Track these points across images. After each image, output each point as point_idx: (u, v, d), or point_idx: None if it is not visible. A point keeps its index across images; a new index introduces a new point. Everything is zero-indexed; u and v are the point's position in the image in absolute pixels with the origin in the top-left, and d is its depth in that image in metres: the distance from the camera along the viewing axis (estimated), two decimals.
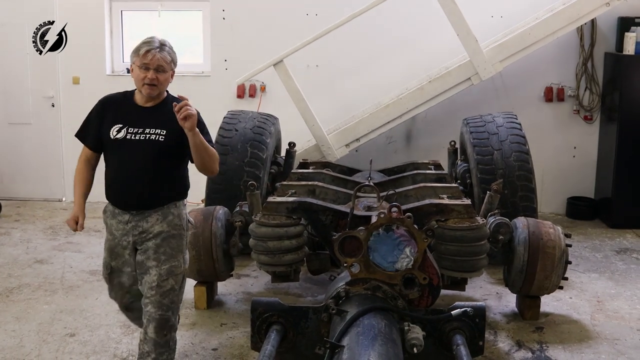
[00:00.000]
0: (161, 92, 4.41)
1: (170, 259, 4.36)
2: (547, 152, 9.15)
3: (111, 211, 4.47)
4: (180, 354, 5.16)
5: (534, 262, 5.53)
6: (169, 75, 4.40)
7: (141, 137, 4.33)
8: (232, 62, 9.48)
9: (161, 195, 4.39)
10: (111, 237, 4.49)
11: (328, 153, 8.31)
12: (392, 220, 3.42)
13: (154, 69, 4.28)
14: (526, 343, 5.40)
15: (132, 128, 4.35)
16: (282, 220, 5.34)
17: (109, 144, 4.39)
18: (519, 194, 6.59)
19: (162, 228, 4.36)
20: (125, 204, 4.38)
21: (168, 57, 4.37)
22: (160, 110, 4.41)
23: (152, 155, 4.30)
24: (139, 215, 4.36)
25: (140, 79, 4.31)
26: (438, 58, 8.79)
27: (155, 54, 4.29)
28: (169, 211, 4.40)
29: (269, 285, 6.46)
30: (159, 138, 4.32)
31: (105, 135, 4.39)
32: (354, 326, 3.07)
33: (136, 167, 4.31)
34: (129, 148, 4.32)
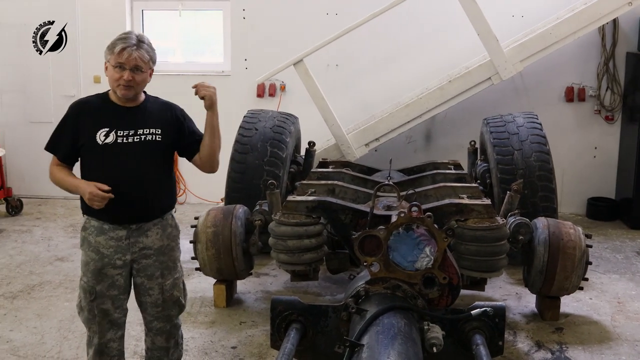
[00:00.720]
0: (138, 93, 4.01)
1: (172, 271, 4.15)
2: (568, 153, 9.12)
3: (97, 227, 3.98)
4: (199, 352, 5.19)
5: (554, 262, 5.51)
6: (146, 75, 3.97)
7: (135, 139, 3.92)
8: (252, 61, 9.51)
9: (163, 203, 4.09)
10: (97, 257, 3.97)
11: (347, 152, 8.31)
12: (413, 220, 3.41)
13: (130, 69, 3.86)
14: (546, 344, 5.38)
15: (122, 130, 3.91)
16: (302, 219, 5.35)
17: (95, 151, 3.90)
18: (539, 194, 6.57)
19: (162, 242, 4.07)
20: (122, 218, 3.94)
21: (146, 55, 3.92)
22: (146, 109, 4.06)
23: (150, 158, 3.95)
24: (139, 229, 3.99)
25: (115, 79, 3.89)
26: (458, 57, 8.77)
27: (131, 52, 3.85)
28: (167, 223, 4.12)
29: (288, 284, 6.47)
30: (157, 138, 3.97)
31: (89, 142, 3.90)
32: (373, 325, 3.07)
33: (134, 173, 3.91)
34: (122, 153, 3.89)
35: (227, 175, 6.94)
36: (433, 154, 9.15)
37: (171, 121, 4.06)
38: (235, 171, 6.91)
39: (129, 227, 3.97)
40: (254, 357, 5.13)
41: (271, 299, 3.56)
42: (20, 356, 5.13)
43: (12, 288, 6.48)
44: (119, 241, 3.97)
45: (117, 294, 4.03)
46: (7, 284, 6.59)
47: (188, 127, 4.13)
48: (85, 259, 4.03)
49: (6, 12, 9.77)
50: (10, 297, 6.27)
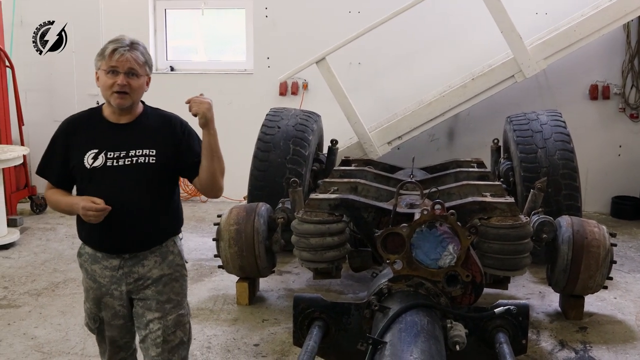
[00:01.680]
0: (135, 102, 3.60)
1: (175, 307, 3.69)
2: (592, 151, 9.05)
3: (91, 255, 3.67)
4: (222, 349, 5.21)
5: (578, 261, 5.47)
6: (143, 81, 3.60)
7: (126, 161, 3.53)
8: (274, 59, 9.52)
9: (159, 231, 3.67)
10: (95, 286, 3.67)
11: (370, 150, 8.31)
12: (436, 217, 3.40)
13: (124, 73, 3.50)
14: (569, 343, 5.35)
15: (112, 152, 3.54)
16: (325, 217, 5.35)
17: (84, 176, 3.55)
18: (563, 192, 6.53)
19: (162, 271, 3.66)
20: (114, 248, 3.60)
21: (141, 57, 3.56)
22: (142, 126, 3.63)
23: (144, 182, 3.54)
24: (133, 258, 3.61)
25: (108, 85, 3.51)
26: (481, 55, 8.74)
27: (124, 54, 3.50)
28: (167, 250, 3.70)
29: (311, 282, 6.48)
30: (150, 160, 3.54)
31: (78, 165, 3.55)
32: (396, 323, 3.06)
33: (126, 199, 3.51)
34: (112, 177, 3.51)
35: (250, 173, 6.96)
36: (456, 152, 9.12)
37: (168, 139, 3.63)
38: (257, 169, 6.93)
39: (122, 256, 3.60)
40: (276, 355, 5.14)
41: (294, 296, 3.56)
42: (44, 352, 5.17)
43: (36, 285, 6.54)
44: (113, 271, 3.62)
45: (123, 323, 3.74)
46: (32, 282, 6.64)
47: (187, 144, 3.65)
48: (85, 285, 3.75)
49: (31, 11, 9.85)
50: (34, 295, 6.33)
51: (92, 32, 9.85)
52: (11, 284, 6.59)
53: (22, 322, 5.72)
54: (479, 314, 3.38)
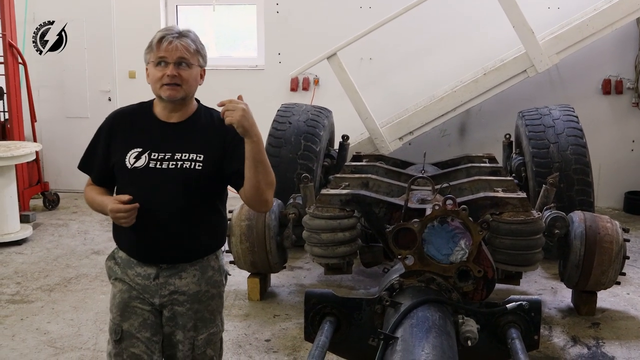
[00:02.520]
0: (187, 95, 3.27)
1: (208, 325, 3.42)
2: (605, 146, 9.01)
3: (125, 260, 3.40)
4: (233, 344, 5.22)
5: (590, 256, 5.45)
6: (196, 72, 3.29)
7: (171, 165, 3.22)
8: (285, 55, 9.53)
9: (201, 244, 3.36)
10: (125, 288, 3.36)
11: (381, 146, 8.30)
12: (447, 213, 3.38)
13: (174, 63, 3.19)
14: (582, 339, 5.33)
15: (157, 153, 3.25)
16: (336, 212, 5.35)
17: (125, 175, 3.28)
18: (576, 187, 6.50)
19: (199, 287, 3.35)
20: (151, 256, 3.33)
21: (192, 44, 3.26)
22: (192, 127, 3.32)
23: (187, 189, 3.22)
24: (170, 269, 3.31)
25: (157, 78, 3.21)
26: (493, 50, 8.72)
27: (172, 41, 3.20)
28: (208, 265, 3.39)
29: (322, 278, 6.48)
30: (196, 166, 3.23)
31: (118, 163, 3.28)
32: (408, 318, 3.05)
33: (166, 205, 3.23)
34: (153, 180, 3.22)
35: None
36: (467, 148, 9.11)
37: (218, 143, 3.27)
38: None
39: (159, 265, 3.32)
40: (287, 350, 5.14)
41: (305, 292, 3.56)
42: (57, 347, 5.20)
43: (49, 281, 6.56)
44: (146, 279, 3.32)
45: (150, 336, 3.34)
46: (45, 277, 6.67)
47: (233, 148, 3.23)
48: (113, 290, 3.44)
49: (42, 8, 9.88)
50: (47, 290, 6.35)
51: (104, 29, 9.89)
52: (24, 280, 6.63)
53: (35, 318, 5.75)
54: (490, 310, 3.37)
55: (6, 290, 6.38)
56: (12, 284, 6.52)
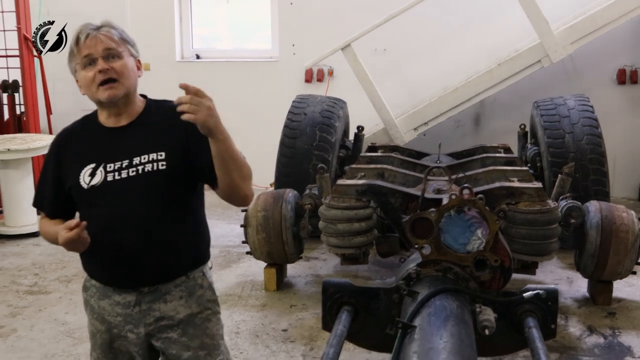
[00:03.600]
0: (129, 91, 2.89)
1: (212, 352, 3.06)
2: (620, 136, 8.96)
3: (99, 288, 2.98)
4: (250, 334, 5.25)
5: (606, 246, 5.44)
6: (131, 63, 2.91)
7: (131, 172, 2.84)
8: (300, 47, 9.52)
9: (182, 257, 2.97)
10: (104, 327, 2.99)
11: (396, 137, 8.30)
12: (464, 202, 3.39)
13: (102, 57, 2.82)
14: (598, 328, 5.33)
15: (112, 163, 2.86)
16: (352, 202, 5.36)
17: (83, 197, 2.89)
18: (591, 177, 6.48)
19: (190, 310, 2.98)
20: (127, 281, 2.91)
21: (115, 32, 2.89)
22: (145, 125, 2.94)
23: (155, 196, 2.86)
24: (153, 293, 2.93)
25: (90, 79, 2.83)
26: (507, 40, 8.67)
27: (91, 34, 2.83)
28: (195, 284, 3.01)
29: (338, 268, 6.50)
30: (159, 166, 2.84)
31: (74, 187, 2.89)
32: (425, 307, 3.07)
33: (136, 220, 2.83)
34: (116, 195, 2.84)
35: (277, 160, 6.99)
36: (482, 138, 9.07)
37: (181, 136, 2.86)
38: (284, 156, 6.95)
39: (139, 289, 2.92)
40: (304, 340, 5.17)
41: (322, 281, 3.57)
42: (75, 338, 5.24)
43: (66, 272, 6.61)
44: (126, 308, 2.93)
45: None
46: (62, 268, 6.72)
47: (197, 142, 2.80)
48: (91, 328, 3.06)
49: (57, 1, 9.91)
50: (65, 281, 6.40)
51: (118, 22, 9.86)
52: (42, 271, 6.68)
53: (53, 308, 5.80)
54: (508, 299, 3.38)
55: (24, 281, 6.44)
56: (30, 275, 6.58)
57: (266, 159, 7.09)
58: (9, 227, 7.74)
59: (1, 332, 5.37)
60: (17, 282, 6.43)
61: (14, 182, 7.64)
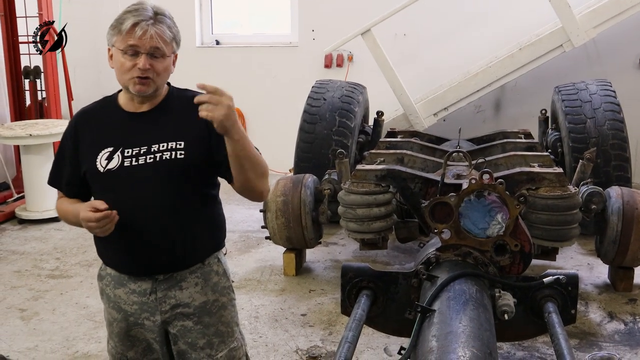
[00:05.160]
0: (159, 87, 2.86)
1: (226, 339, 3.04)
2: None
3: (114, 277, 2.99)
4: (270, 318, 5.26)
5: (627, 232, 5.40)
6: (170, 62, 2.85)
7: (148, 159, 2.81)
8: (319, 32, 9.50)
9: (198, 245, 2.95)
10: (120, 316, 2.98)
11: (416, 122, 8.28)
12: (484, 187, 3.39)
13: (146, 53, 2.74)
14: (618, 315, 5.30)
15: (129, 149, 2.83)
16: (371, 187, 5.37)
17: (99, 181, 2.86)
18: (613, 163, 6.44)
19: (206, 297, 2.98)
20: (143, 268, 2.91)
21: (168, 32, 2.79)
22: (165, 112, 2.90)
23: (172, 184, 2.82)
24: (168, 280, 2.92)
25: (126, 69, 2.78)
26: (529, 25, 8.61)
27: (147, 29, 2.73)
28: (211, 270, 3.01)
29: (357, 253, 6.50)
30: (177, 154, 2.81)
31: (90, 169, 2.86)
32: (444, 291, 3.07)
33: (151, 207, 2.83)
34: (131, 181, 2.81)
35: (296, 145, 6.98)
36: (502, 124, 9.03)
37: (202, 126, 2.77)
38: (303, 141, 6.95)
39: (154, 277, 2.91)
40: (323, 324, 5.18)
41: (342, 265, 3.58)
42: (96, 321, 5.28)
43: (87, 256, 6.65)
44: (142, 296, 2.93)
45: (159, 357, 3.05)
46: (83, 253, 6.77)
47: (218, 136, 2.72)
48: (108, 317, 3.05)
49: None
50: (86, 265, 6.45)
51: None
52: (63, 255, 6.73)
53: (74, 292, 5.85)
54: (527, 284, 3.38)
55: (46, 265, 6.49)
56: (51, 260, 6.63)
57: (285, 144, 7.09)
58: (30, 211, 7.81)
59: (23, 315, 5.42)
60: (39, 266, 6.48)
61: (36, 167, 7.70)
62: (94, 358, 4.74)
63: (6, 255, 6.78)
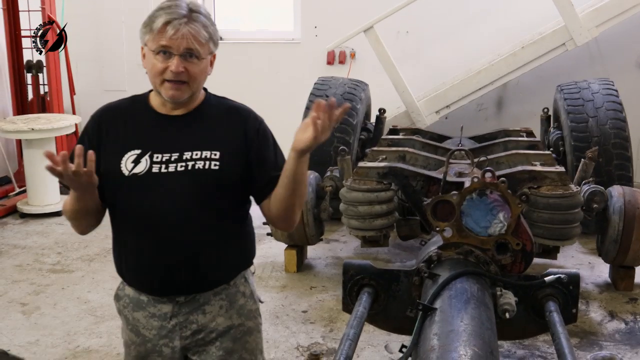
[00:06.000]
0: (195, 92, 2.63)
1: None
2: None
3: (133, 299, 2.74)
4: (271, 315, 5.27)
5: (629, 231, 5.40)
6: (206, 64, 2.63)
7: (179, 167, 2.57)
8: (322, 28, 9.48)
9: (226, 265, 2.72)
10: (139, 340, 2.75)
11: (418, 119, 8.28)
12: (486, 185, 3.39)
13: (180, 55, 2.52)
14: (619, 314, 5.30)
15: (159, 154, 2.59)
16: (373, 185, 5.37)
17: (121, 185, 2.59)
18: (614, 162, 6.44)
19: (231, 321, 2.73)
20: (164, 288, 2.66)
21: (203, 32, 2.56)
22: (202, 118, 2.67)
23: (203, 196, 2.59)
24: (190, 303, 2.68)
25: (158, 71, 2.56)
26: (531, 23, 8.60)
27: (179, 28, 2.50)
28: (237, 291, 2.76)
29: (358, 250, 6.51)
30: (212, 165, 2.58)
31: (113, 171, 2.60)
32: (446, 289, 3.07)
33: (178, 220, 2.58)
34: (158, 189, 2.57)
35: None
36: (504, 122, 9.02)
37: (240, 139, 2.64)
38: None
39: (174, 299, 2.67)
40: (324, 321, 5.19)
41: (344, 262, 3.59)
42: (97, 316, 5.29)
43: (89, 251, 6.66)
44: (162, 320, 2.69)
45: None
46: (84, 247, 6.77)
47: (257, 151, 2.66)
48: (126, 338, 2.84)
49: None
50: (87, 260, 6.45)
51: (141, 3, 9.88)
52: (64, 250, 6.74)
53: (76, 287, 5.86)
54: (529, 282, 3.38)
55: (47, 260, 6.50)
56: (52, 254, 6.64)
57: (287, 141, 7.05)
58: (32, 206, 7.81)
59: (25, 310, 5.43)
60: (41, 260, 6.49)
61: (38, 161, 7.68)
62: (94, 353, 4.74)
63: (7, 249, 6.79)
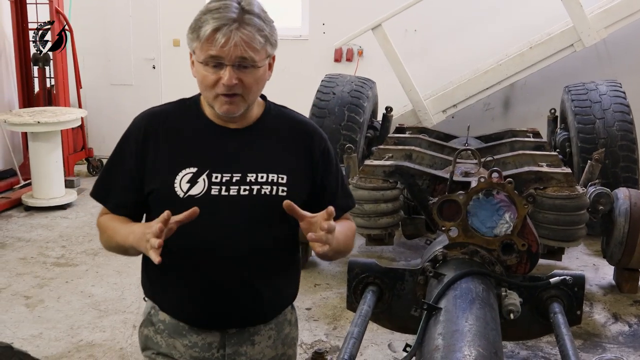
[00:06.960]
0: (251, 104, 2.32)
1: None
2: None
3: (170, 326, 2.42)
4: None
5: (634, 234, 5.39)
6: (263, 71, 2.29)
7: (242, 190, 2.27)
8: (330, 26, 9.48)
9: (283, 295, 2.51)
10: None
11: (424, 118, 8.27)
12: (493, 185, 3.38)
13: (232, 65, 2.18)
14: (623, 316, 5.29)
15: (219, 173, 2.28)
16: (379, 183, 5.36)
17: (174, 207, 2.14)
18: (621, 164, 6.43)
19: (275, 351, 2.51)
20: (214, 320, 2.38)
21: (257, 37, 2.20)
22: (263, 134, 2.38)
23: (268, 225, 2.33)
24: (240, 334, 2.41)
25: (209, 84, 2.22)
26: (540, 23, 8.58)
27: (230, 35, 2.14)
28: (285, 319, 2.54)
29: (363, 249, 6.49)
30: (280, 191, 2.30)
31: (164, 190, 2.28)
32: (451, 289, 3.06)
33: (238, 249, 2.29)
34: (217, 214, 2.26)
35: None
36: (511, 122, 9.01)
37: (305, 160, 2.39)
38: None
39: (225, 330, 2.39)
40: (328, 319, 5.18)
41: (348, 261, 3.58)
42: (101, 310, 5.29)
43: (93, 245, 6.67)
44: (205, 351, 2.39)
45: None
46: (89, 241, 6.78)
47: (323, 176, 2.43)
48: None
49: None
50: (91, 254, 6.46)
51: None
52: (69, 243, 6.75)
53: (80, 281, 5.86)
54: (534, 283, 3.37)
55: (52, 253, 6.50)
56: (57, 248, 6.65)
57: None
58: (37, 199, 7.82)
59: (28, 303, 5.44)
60: (45, 253, 6.50)
61: (43, 154, 7.70)
62: (98, 347, 4.74)
63: (12, 242, 6.80)
